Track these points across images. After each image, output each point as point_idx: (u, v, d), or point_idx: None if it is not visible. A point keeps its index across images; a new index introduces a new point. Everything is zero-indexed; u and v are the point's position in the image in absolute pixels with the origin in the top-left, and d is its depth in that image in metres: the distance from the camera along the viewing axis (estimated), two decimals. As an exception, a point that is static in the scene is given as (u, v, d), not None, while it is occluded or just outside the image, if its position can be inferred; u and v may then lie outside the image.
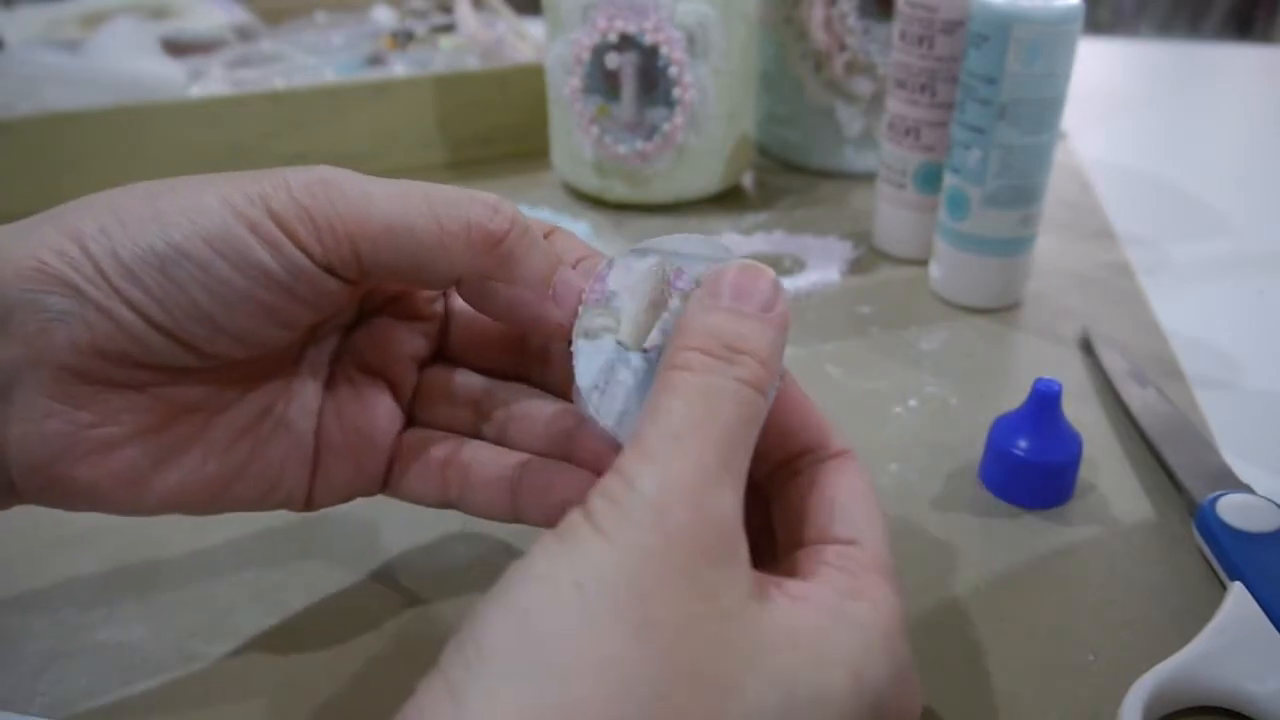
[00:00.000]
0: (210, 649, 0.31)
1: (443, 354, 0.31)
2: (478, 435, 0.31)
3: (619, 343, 0.26)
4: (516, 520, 0.29)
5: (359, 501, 0.37)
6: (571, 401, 0.30)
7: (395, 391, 0.30)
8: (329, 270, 0.25)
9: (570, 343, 0.26)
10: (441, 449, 0.30)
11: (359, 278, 0.26)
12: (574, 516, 0.20)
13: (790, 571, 0.24)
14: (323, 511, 0.37)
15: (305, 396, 0.29)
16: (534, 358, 0.31)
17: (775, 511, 0.27)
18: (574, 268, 0.28)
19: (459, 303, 0.31)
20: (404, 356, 0.30)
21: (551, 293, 0.27)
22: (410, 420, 0.31)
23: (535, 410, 0.30)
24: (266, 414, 0.28)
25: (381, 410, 0.30)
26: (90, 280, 0.23)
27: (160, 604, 0.33)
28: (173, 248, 0.24)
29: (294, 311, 0.25)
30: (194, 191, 0.25)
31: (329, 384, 0.29)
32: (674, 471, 0.20)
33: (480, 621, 0.19)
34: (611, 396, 0.25)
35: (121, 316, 0.24)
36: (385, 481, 0.30)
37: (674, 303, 0.26)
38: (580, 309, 0.26)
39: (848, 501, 0.25)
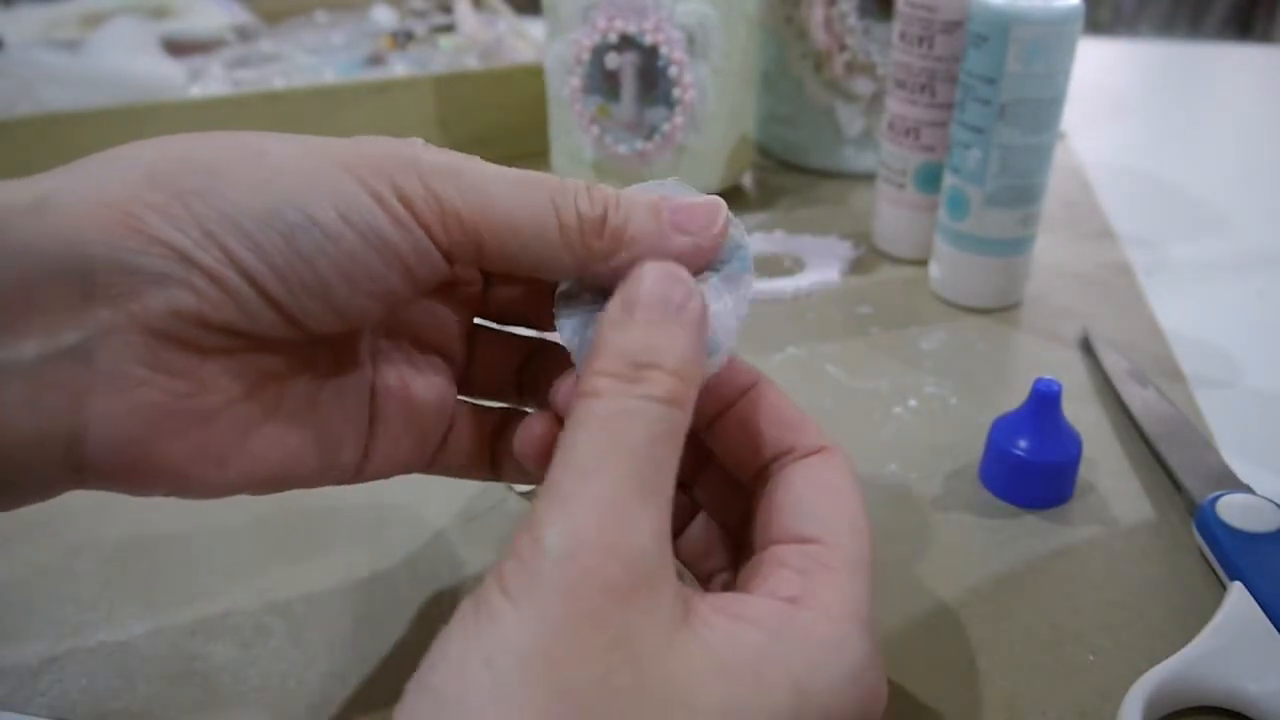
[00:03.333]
0: (210, 649, 0.31)
1: (483, 310, 0.31)
2: (519, 400, 0.31)
3: (593, 298, 0.26)
4: None
5: (361, 500, 0.37)
6: None
7: (450, 365, 0.30)
8: (448, 258, 0.24)
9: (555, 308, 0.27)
10: (491, 421, 0.30)
11: (474, 266, 0.25)
12: (488, 583, 0.20)
13: (751, 575, 0.24)
14: (324, 510, 0.37)
15: (359, 365, 0.28)
16: None
17: (754, 515, 0.26)
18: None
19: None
20: (455, 330, 0.30)
21: (670, 227, 0.25)
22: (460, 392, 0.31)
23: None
24: (326, 382, 0.27)
25: (440, 385, 0.29)
26: (198, 244, 0.22)
27: (160, 604, 0.33)
28: (304, 215, 0.22)
29: (405, 292, 0.24)
30: (307, 156, 0.23)
31: (387, 357, 0.29)
32: (579, 515, 0.20)
33: (401, 708, 0.19)
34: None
35: (234, 286, 0.22)
36: (437, 456, 0.30)
37: None
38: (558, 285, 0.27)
39: (815, 498, 0.24)
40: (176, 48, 0.74)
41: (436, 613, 0.33)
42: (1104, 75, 0.91)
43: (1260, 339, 0.50)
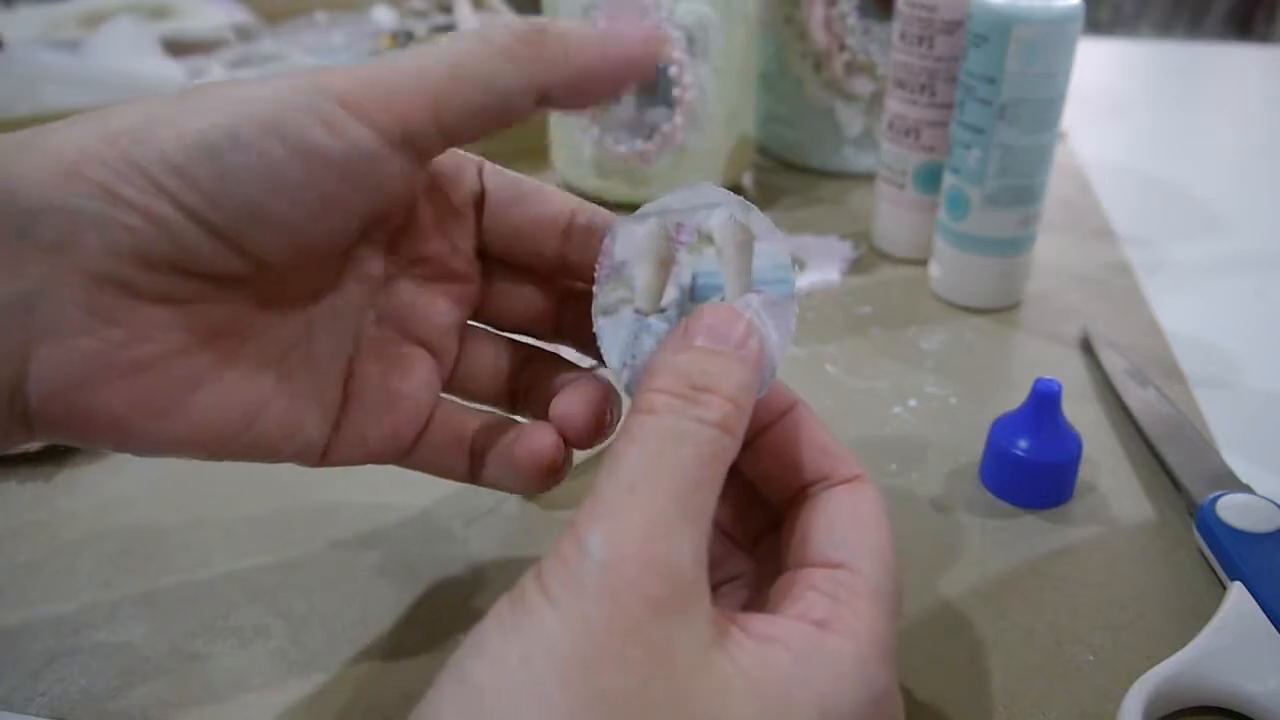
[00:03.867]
0: (210, 649, 0.31)
1: (480, 314, 0.31)
2: (510, 407, 0.31)
3: (637, 310, 0.26)
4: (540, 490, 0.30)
5: (362, 500, 0.37)
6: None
7: (437, 361, 0.30)
8: (406, 144, 0.24)
9: (593, 320, 0.26)
10: (474, 424, 0.30)
11: (439, 141, 0.24)
12: (527, 581, 0.20)
13: (779, 596, 0.24)
14: (325, 511, 0.37)
15: (334, 339, 0.28)
16: (569, 314, 0.31)
17: (783, 538, 0.26)
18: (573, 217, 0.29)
19: (495, 264, 0.30)
20: (446, 326, 0.29)
21: (607, 38, 0.25)
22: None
23: (565, 384, 0.30)
24: (293, 348, 0.27)
25: (423, 378, 0.29)
26: (125, 179, 0.22)
27: (160, 604, 0.33)
28: (225, 132, 0.22)
29: (351, 200, 0.24)
30: (239, 88, 0.23)
31: (371, 342, 0.28)
32: (624, 527, 0.20)
33: (434, 697, 0.19)
34: (639, 370, 0.26)
35: (165, 215, 0.22)
36: (412, 449, 0.29)
37: (681, 256, 0.26)
38: (595, 288, 0.26)
39: (845, 525, 0.25)
40: (176, 48, 0.74)
41: (436, 614, 0.33)
42: (1104, 75, 0.91)
43: (1260, 339, 0.49)
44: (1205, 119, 0.84)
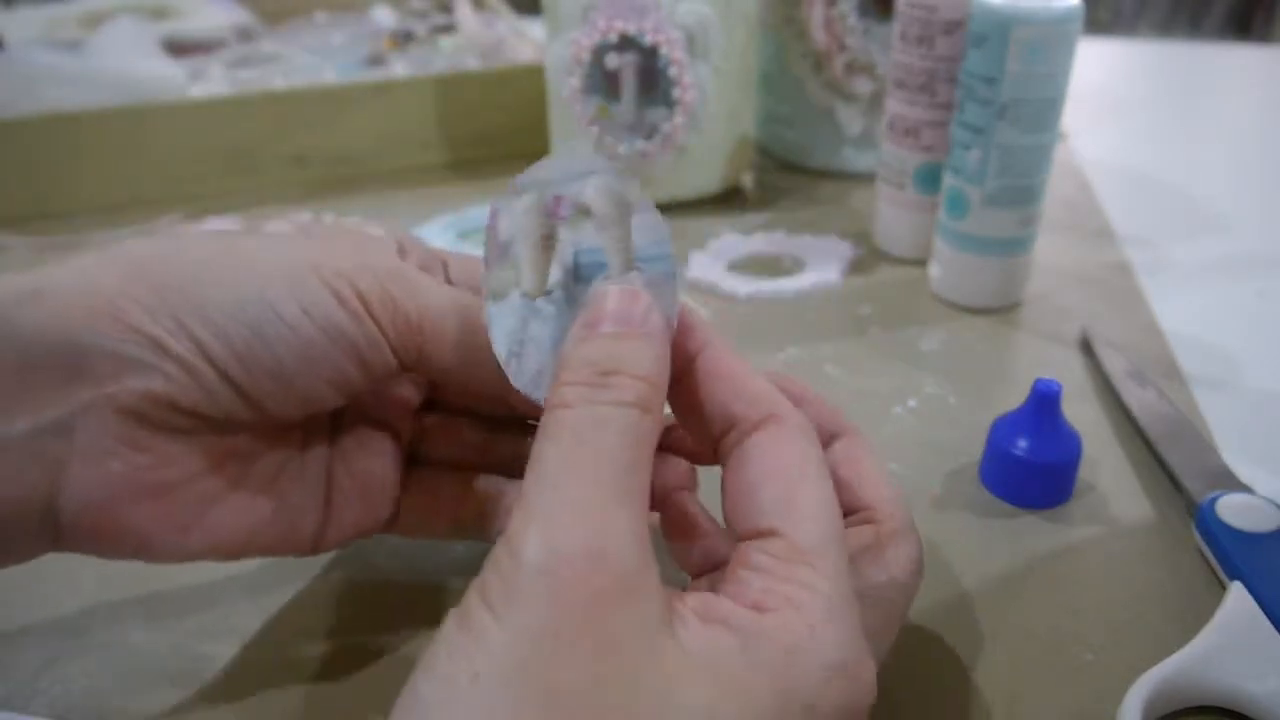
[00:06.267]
0: (210, 649, 0.31)
1: (438, 403, 0.33)
2: (485, 470, 0.33)
3: (524, 294, 0.26)
4: None
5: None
6: None
7: (396, 439, 0.32)
8: (396, 355, 0.27)
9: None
10: (452, 485, 0.32)
11: (419, 370, 0.28)
12: (471, 597, 0.20)
13: (725, 574, 0.23)
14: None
15: (316, 445, 0.30)
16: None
17: (722, 503, 0.25)
18: None
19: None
20: (401, 405, 0.32)
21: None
22: (416, 461, 0.33)
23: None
24: (288, 461, 0.29)
25: (387, 457, 0.31)
26: (172, 333, 0.24)
27: (160, 604, 0.33)
28: (269, 306, 0.25)
29: (359, 380, 0.27)
30: (279, 256, 0.26)
31: (335, 435, 0.31)
32: (555, 525, 0.20)
33: (393, 716, 0.19)
34: (526, 358, 0.26)
35: (201, 372, 0.25)
36: (393, 520, 0.32)
37: (563, 233, 0.26)
38: (482, 270, 0.26)
39: (766, 481, 0.23)
40: (176, 48, 0.74)
41: (436, 614, 0.33)
42: (1104, 75, 0.91)
43: (1260, 339, 0.50)
44: (1205, 119, 0.84)
